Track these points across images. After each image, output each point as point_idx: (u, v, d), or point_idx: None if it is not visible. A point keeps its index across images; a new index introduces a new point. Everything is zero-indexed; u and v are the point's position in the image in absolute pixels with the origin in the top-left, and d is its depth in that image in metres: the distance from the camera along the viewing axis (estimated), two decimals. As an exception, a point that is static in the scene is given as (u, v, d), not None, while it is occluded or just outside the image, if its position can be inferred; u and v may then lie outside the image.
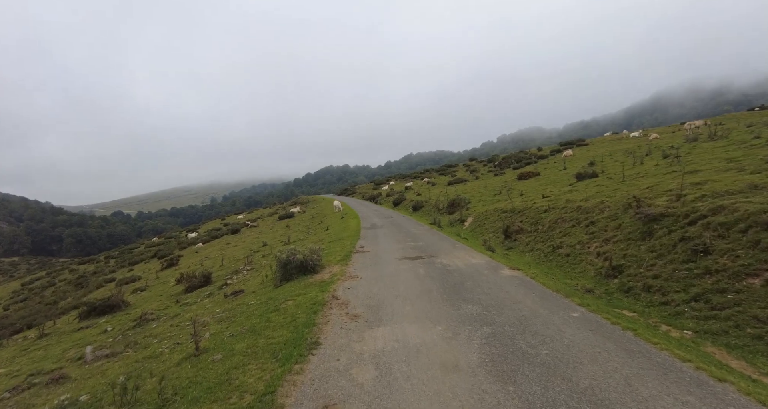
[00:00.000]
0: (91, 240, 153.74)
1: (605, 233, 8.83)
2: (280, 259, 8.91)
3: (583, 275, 8.36)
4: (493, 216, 16.74)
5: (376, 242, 13.41)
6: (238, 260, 21.13)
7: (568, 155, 43.62)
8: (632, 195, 9.39)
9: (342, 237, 15.70)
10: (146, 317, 9.68)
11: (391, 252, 11.07)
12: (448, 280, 7.86)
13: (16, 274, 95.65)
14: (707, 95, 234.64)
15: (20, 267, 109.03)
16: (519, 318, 5.68)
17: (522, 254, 11.23)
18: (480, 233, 15.61)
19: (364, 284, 7.98)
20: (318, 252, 9.27)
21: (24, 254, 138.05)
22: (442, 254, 10.23)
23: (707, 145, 22.61)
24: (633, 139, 46.09)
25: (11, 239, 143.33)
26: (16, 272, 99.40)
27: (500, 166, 55.40)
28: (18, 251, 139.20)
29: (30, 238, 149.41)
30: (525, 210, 14.34)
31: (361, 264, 9.56)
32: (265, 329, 6.03)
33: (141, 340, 7.55)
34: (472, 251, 10.52)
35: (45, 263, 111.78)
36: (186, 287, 14.29)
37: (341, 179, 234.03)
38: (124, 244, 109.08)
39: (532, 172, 35.01)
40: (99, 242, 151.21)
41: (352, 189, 80.00)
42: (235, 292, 9.31)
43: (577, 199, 12.41)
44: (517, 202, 17.21)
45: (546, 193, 18.45)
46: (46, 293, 41.63)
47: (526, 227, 12.54)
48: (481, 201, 26.22)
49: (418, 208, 32.20)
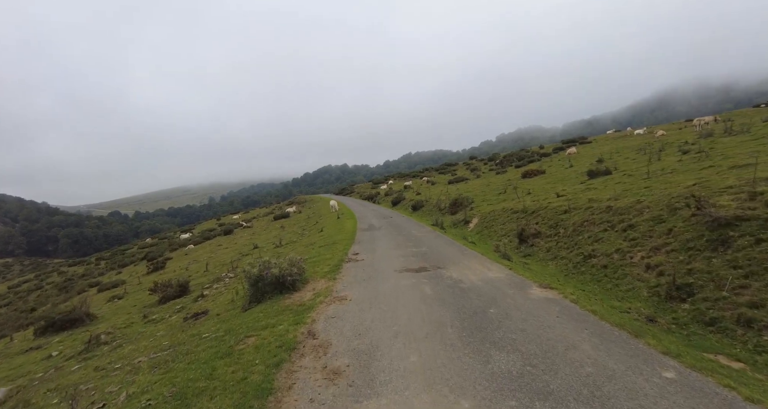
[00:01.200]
0: (88, 241, 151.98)
1: (652, 240, 7.25)
2: (250, 275, 6.96)
3: (633, 295, 6.69)
4: (502, 217, 15.17)
5: (372, 248, 11.86)
6: (223, 265, 19.57)
7: (572, 153, 42.45)
8: (688, 193, 7.74)
9: (335, 241, 14.12)
10: (99, 340, 8.13)
11: (389, 261, 9.50)
12: (464, 305, 6.07)
13: (9, 275, 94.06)
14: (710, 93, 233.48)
15: (13, 268, 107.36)
16: (585, 383, 3.78)
17: (543, 263, 9.69)
18: (488, 235, 14.05)
19: (353, 310, 6.21)
20: (299, 264, 7.54)
21: (19, 255, 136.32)
22: (450, 264, 8.66)
23: (728, 140, 21.10)
24: (638, 137, 44.83)
25: (6, 240, 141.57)
26: (9, 274, 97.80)
27: (502, 164, 53.92)
28: (13, 252, 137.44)
29: (25, 239, 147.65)
30: (540, 211, 12.77)
31: (353, 278, 7.85)
32: (199, 395, 4.13)
33: (39, 399, 5.62)
34: (485, 260, 8.97)
35: (39, 264, 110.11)
36: (160, 298, 12.71)
37: (340, 179, 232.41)
38: (120, 244, 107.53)
39: (537, 170, 33.51)
40: (95, 243, 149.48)
41: (350, 188, 78.41)
42: (196, 314, 7.71)
43: (602, 198, 10.84)
44: (528, 201, 15.66)
45: (559, 191, 16.90)
46: (31, 297, 40.06)
47: (544, 230, 10.99)
48: (486, 200, 24.70)
49: (418, 208, 30.68)
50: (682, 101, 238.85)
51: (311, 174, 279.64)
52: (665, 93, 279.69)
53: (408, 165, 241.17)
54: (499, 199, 23.42)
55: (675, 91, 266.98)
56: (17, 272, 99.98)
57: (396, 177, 76.27)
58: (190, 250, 38.38)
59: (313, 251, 12.88)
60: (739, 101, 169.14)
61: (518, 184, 28.15)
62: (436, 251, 10.46)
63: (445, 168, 73.37)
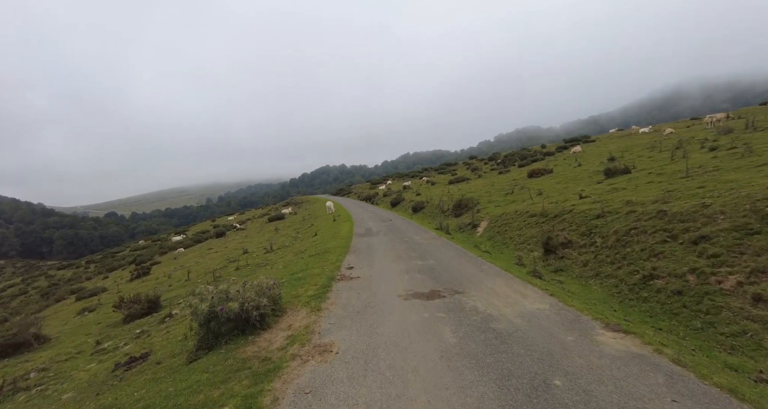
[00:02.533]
0: (83, 242, 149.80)
1: (746, 259, 5.46)
2: (199, 312, 4.84)
3: (747, 343, 4.71)
4: (516, 221, 13.38)
5: (370, 259, 10.03)
6: (207, 273, 17.76)
7: (577, 152, 41.28)
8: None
9: (327, 249, 12.29)
10: (17, 385, 6.33)
11: (390, 279, 7.63)
12: (511, 370, 3.90)
13: (0, 277, 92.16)
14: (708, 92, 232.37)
15: (5, 271, 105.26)
16: None
17: (582, 281, 7.90)
18: (503, 243, 12.26)
19: (339, 377, 4.03)
20: (272, 292, 5.57)
21: (13, 257, 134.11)
22: (470, 287, 6.76)
23: (760, 134, 19.43)
24: (644, 135, 43.40)
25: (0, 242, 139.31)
26: (0, 275, 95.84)
27: (504, 163, 52.30)
28: (7, 254, 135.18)
29: (19, 240, 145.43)
30: (563, 215, 10.99)
31: (343, 310, 5.82)
32: None
33: None
34: (512, 280, 7.17)
35: (31, 266, 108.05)
36: (125, 316, 10.89)
37: (338, 179, 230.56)
38: (116, 245, 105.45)
39: (543, 169, 31.82)
40: (91, 244, 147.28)
41: (348, 189, 76.55)
42: (132, 359, 5.80)
43: (643, 200, 9.07)
44: (546, 203, 13.88)
45: (580, 192, 15.15)
46: (14, 303, 38.15)
47: (575, 238, 9.21)
48: (492, 201, 22.97)
49: (419, 209, 28.91)
50: (681, 101, 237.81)
51: (309, 174, 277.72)
52: (663, 93, 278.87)
53: (406, 165, 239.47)
54: (507, 201, 21.71)
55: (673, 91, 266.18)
56: (9, 274, 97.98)
57: (395, 177, 74.48)
58: (180, 254, 36.55)
59: (301, 261, 11.07)
60: (746, 100, 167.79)
61: (525, 184, 26.48)
62: (448, 266, 8.64)
63: (444, 168, 71.70)
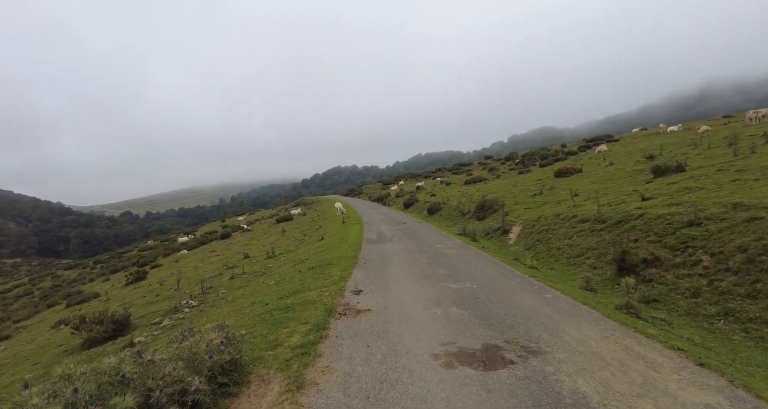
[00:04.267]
0: (98, 241, 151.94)
1: None
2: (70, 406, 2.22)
3: None
4: (561, 227, 10.98)
5: (384, 277, 7.71)
6: (198, 283, 15.83)
7: (602, 150, 38.88)
8: None
9: (331, 259, 10.08)
10: None
11: (417, 318, 5.18)
12: None
13: (16, 275, 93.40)
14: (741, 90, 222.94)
15: (21, 269, 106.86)
16: None
17: (699, 322, 5.51)
18: (547, 253, 9.90)
19: None
20: (220, 357, 3.26)
21: (31, 255, 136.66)
22: (546, 338, 4.41)
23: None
24: (673, 134, 40.34)
25: (19, 240, 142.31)
26: (16, 274, 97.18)
27: (523, 163, 49.56)
28: (25, 252, 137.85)
29: (37, 238, 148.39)
30: (629, 220, 8.58)
31: (343, 393, 3.38)
32: None
33: None
34: (602, 321, 4.84)
35: (46, 264, 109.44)
36: (83, 341, 8.96)
37: (349, 180, 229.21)
38: (129, 244, 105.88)
39: (571, 169, 29.15)
40: (105, 243, 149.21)
41: (359, 189, 74.53)
42: None
43: (758, 203, 6.65)
44: (600, 206, 11.42)
45: (627, 192, 12.67)
46: (16, 304, 37.29)
47: (664, 254, 6.83)
48: (519, 203, 20.56)
49: (435, 211, 26.60)
50: (707, 100, 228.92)
51: (321, 175, 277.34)
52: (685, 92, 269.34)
53: (418, 166, 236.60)
54: (537, 202, 19.26)
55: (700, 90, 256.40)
56: (24, 272, 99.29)
57: (407, 177, 72.14)
58: (182, 256, 35.01)
59: (297, 277, 8.91)
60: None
61: (554, 184, 23.95)
62: (494, 292, 6.23)
63: (458, 168, 69.11)
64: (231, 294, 10.13)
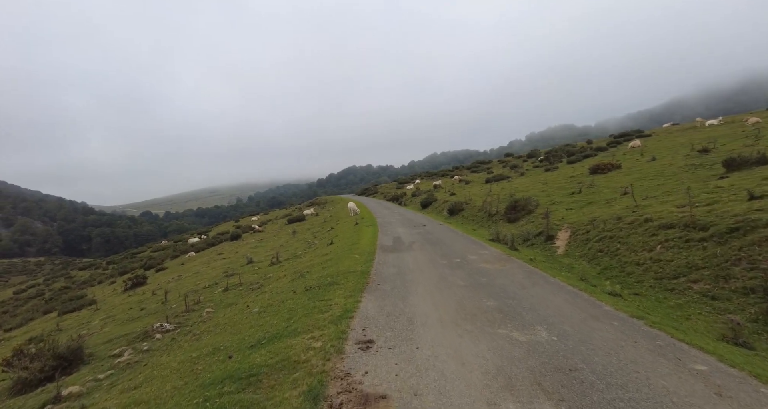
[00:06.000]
0: (119, 240, 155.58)
1: None
2: None
3: None
4: (632, 234, 8.47)
5: (406, 315, 5.21)
6: (189, 294, 13.96)
7: (636, 146, 36.20)
8: None
9: (336, 276, 7.83)
10: None
11: None
12: None
13: (38, 274, 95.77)
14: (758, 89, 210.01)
15: (45, 267, 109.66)
16: None
17: None
18: (620, 269, 7.48)
19: None
20: None
21: (55, 253, 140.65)
22: None
23: None
24: (713, 128, 36.85)
25: (44, 239, 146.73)
26: (39, 272, 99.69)
27: (549, 160, 46.42)
28: (50, 251, 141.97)
29: (62, 238, 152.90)
30: (748, 229, 6.09)
31: None
32: None
33: None
34: None
35: (68, 263, 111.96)
36: (13, 383, 6.99)
37: (364, 179, 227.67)
38: (148, 243, 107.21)
39: (609, 165, 26.36)
40: (126, 242, 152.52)
41: (374, 189, 72.37)
42: None
43: None
44: (680, 207, 8.84)
45: (708, 189, 10.05)
46: (27, 305, 36.83)
47: None
48: (556, 203, 18.00)
49: (457, 211, 24.18)
50: (726, 98, 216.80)
51: (336, 175, 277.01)
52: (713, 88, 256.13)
53: (433, 165, 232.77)
54: (579, 202, 16.64)
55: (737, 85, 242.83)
56: (48, 270, 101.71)
57: (423, 176, 69.53)
58: (188, 259, 33.67)
59: (286, 304, 6.69)
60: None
61: (593, 181, 21.20)
62: (595, 355, 3.81)
63: (477, 166, 66.16)
64: (211, 319, 8.08)
